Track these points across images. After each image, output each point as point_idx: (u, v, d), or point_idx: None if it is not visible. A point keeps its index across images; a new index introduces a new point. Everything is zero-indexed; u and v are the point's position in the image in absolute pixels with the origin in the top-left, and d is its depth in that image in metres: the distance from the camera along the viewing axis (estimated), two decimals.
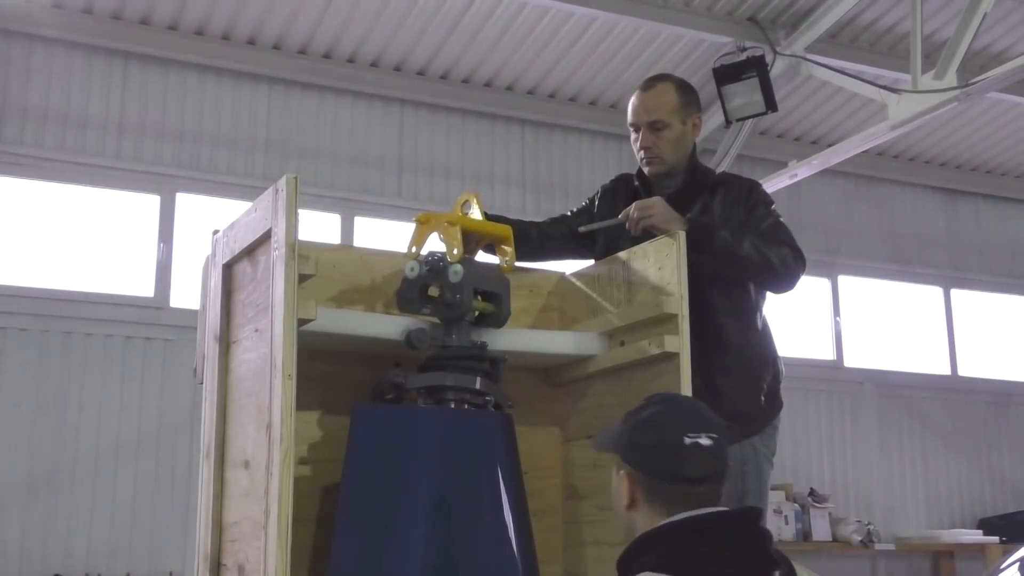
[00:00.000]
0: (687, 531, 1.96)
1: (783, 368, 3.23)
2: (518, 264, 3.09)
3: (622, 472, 2.10)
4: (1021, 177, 8.92)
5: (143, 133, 6.29)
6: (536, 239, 3.33)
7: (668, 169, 3.21)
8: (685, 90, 3.27)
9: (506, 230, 3.00)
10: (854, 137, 6.61)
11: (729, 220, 3.10)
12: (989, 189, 8.86)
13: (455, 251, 2.78)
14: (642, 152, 3.24)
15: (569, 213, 3.50)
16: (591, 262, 3.31)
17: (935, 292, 8.64)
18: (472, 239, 2.95)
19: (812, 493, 7.23)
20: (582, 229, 3.26)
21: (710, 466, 2.03)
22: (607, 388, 3.11)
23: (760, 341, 3.15)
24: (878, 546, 7.26)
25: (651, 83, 3.26)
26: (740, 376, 3.05)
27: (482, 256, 3.05)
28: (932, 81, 5.77)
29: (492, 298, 2.90)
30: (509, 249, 3.00)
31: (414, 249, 2.85)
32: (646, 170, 3.24)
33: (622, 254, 3.09)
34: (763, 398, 3.08)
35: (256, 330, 2.55)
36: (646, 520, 2.03)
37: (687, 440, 2.01)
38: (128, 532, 5.77)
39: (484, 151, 7.20)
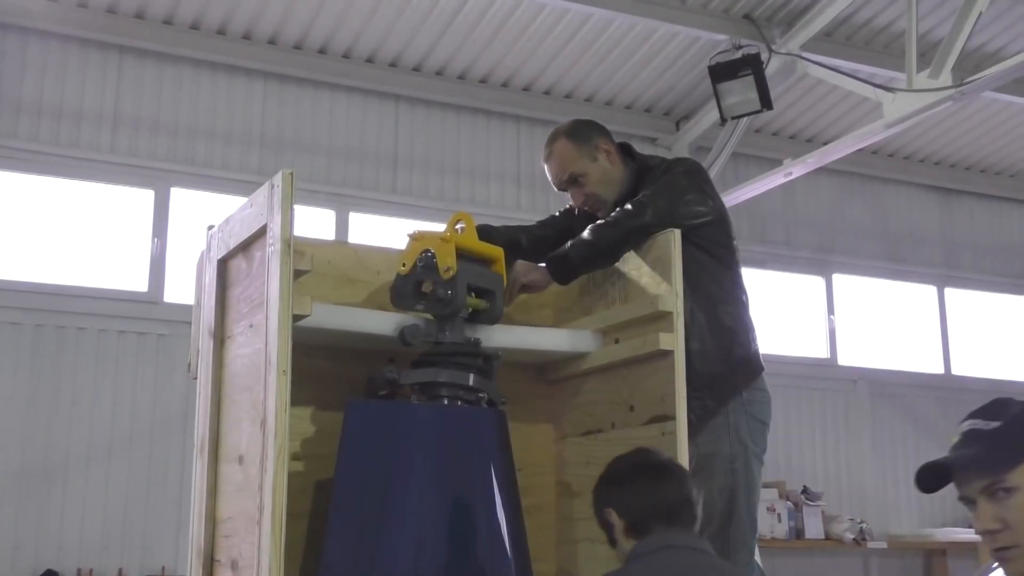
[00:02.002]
0: None
1: (756, 341, 3.21)
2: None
3: None
4: (1015, 176, 8.93)
5: (138, 127, 6.28)
6: (527, 246, 3.35)
7: (615, 199, 3.25)
8: (576, 132, 3.32)
9: (498, 251, 2.99)
10: (849, 136, 6.61)
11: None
12: (983, 188, 8.87)
13: (448, 268, 2.78)
14: (584, 206, 3.31)
15: (557, 213, 3.52)
16: None
17: (929, 291, 8.65)
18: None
19: (805, 491, 7.24)
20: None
21: None
22: (601, 385, 3.12)
23: (727, 312, 3.15)
24: (871, 544, 7.27)
25: (547, 148, 3.34)
26: (706, 342, 3.05)
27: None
28: (927, 80, 5.77)
29: (485, 295, 2.91)
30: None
31: (405, 265, 2.85)
32: (598, 215, 3.27)
33: None
34: (727, 363, 3.08)
35: (251, 326, 2.55)
36: None
37: None
38: (121, 527, 5.75)
39: (479, 147, 7.19)
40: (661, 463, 2.54)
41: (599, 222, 3.10)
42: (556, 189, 3.39)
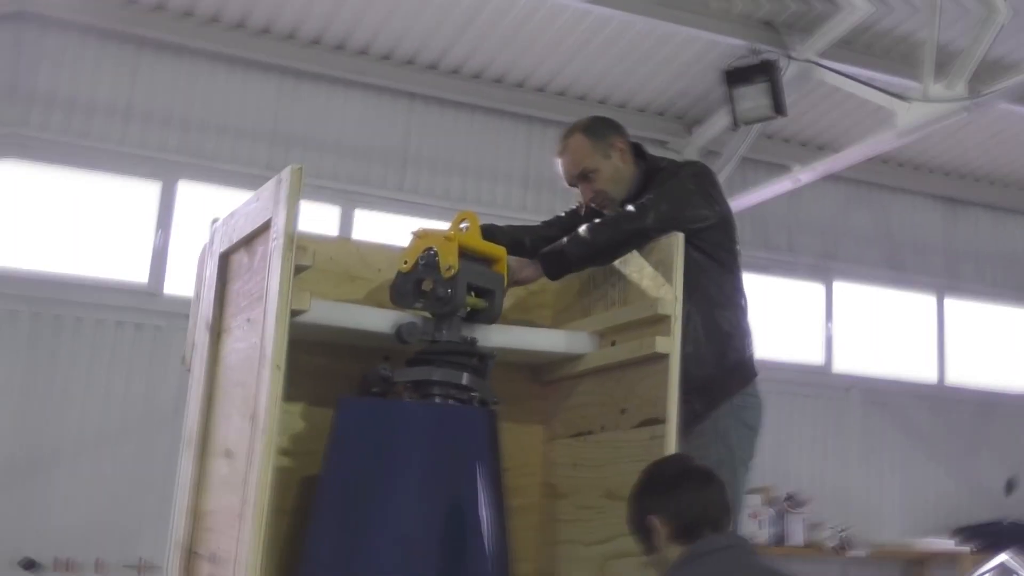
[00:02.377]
0: None
1: (752, 346, 3.21)
2: None
3: None
4: None
5: (149, 119, 6.26)
6: (530, 246, 3.35)
7: (624, 198, 3.27)
8: (592, 128, 3.35)
9: (500, 251, 3.01)
10: (860, 144, 6.57)
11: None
12: (990, 199, 8.79)
13: (450, 267, 2.79)
14: (592, 203, 3.33)
15: (562, 214, 3.53)
16: None
17: (928, 300, 8.58)
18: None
19: (788, 498, 7.20)
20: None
21: None
22: (595, 387, 3.11)
23: (725, 317, 3.15)
24: (851, 552, 7.22)
25: (561, 142, 3.37)
26: (700, 346, 3.04)
27: None
28: (942, 90, 5.74)
29: (485, 294, 2.92)
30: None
31: (407, 263, 2.86)
32: (604, 212, 3.29)
33: None
34: (720, 367, 3.08)
35: (248, 320, 2.57)
36: None
37: None
38: (103, 518, 5.69)
39: (489, 147, 7.16)
40: (703, 470, 2.58)
41: (598, 221, 3.11)
42: (566, 183, 3.39)
